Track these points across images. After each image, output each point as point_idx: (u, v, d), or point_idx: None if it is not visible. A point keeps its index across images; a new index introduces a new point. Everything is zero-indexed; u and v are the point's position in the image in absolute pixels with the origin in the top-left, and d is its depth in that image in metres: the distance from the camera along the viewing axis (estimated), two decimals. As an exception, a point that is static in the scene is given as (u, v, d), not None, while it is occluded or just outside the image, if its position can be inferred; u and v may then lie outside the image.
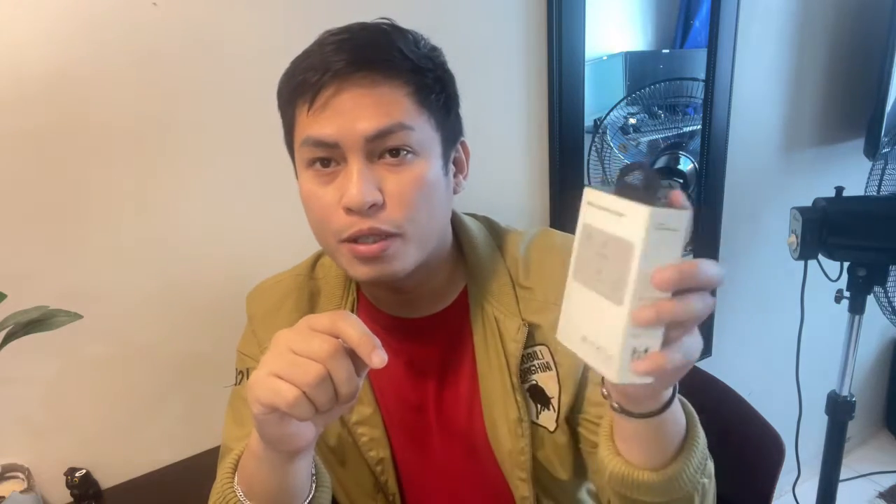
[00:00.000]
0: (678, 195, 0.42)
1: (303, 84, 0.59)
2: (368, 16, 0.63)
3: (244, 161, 1.00)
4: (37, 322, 0.71)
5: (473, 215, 0.78)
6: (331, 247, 0.63)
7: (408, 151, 0.60)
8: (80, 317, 0.73)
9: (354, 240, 0.60)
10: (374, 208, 0.59)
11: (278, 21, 0.97)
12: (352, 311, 0.75)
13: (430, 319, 0.72)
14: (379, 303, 0.74)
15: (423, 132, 0.61)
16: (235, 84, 0.96)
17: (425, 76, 0.61)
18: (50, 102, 0.85)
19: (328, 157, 0.60)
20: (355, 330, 0.48)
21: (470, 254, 0.73)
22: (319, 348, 0.48)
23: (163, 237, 0.97)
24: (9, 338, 0.69)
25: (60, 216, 0.89)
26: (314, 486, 0.62)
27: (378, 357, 0.48)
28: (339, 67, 0.57)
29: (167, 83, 0.91)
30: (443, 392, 0.74)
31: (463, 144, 0.70)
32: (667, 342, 0.43)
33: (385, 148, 0.59)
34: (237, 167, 0.99)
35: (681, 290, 0.41)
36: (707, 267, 0.42)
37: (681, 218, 0.40)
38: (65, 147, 0.87)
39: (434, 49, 0.64)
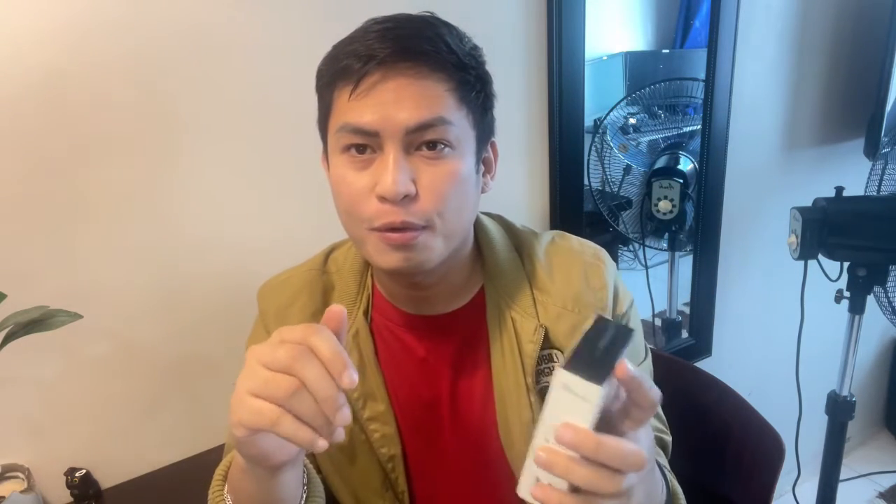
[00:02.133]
0: (621, 367, 0.45)
1: (346, 69, 0.58)
2: (373, 14, 0.63)
3: (245, 161, 1.00)
4: (37, 322, 0.71)
5: (488, 214, 0.78)
6: (358, 234, 0.63)
7: (445, 146, 0.59)
8: (80, 317, 0.74)
9: (385, 229, 0.60)
10: (407, 199, 0.58)
11: (281, 19, 0.97)
12: (367, 306, 0.74)
13: (446, 317, 0.72)
14: (394, 299, 0.73)
15: (461, 128, 0.61)
16: (237, 83, 0.96)
17: (468, 73, 0.61)
18: (50, 101, 0.85)
19: (365, 144, 0.59)
20: (326, 346, 0.46)
21: (489, 254, 0.73)
22: (285, 354, 0.46)
23: (163, 237, 0.97)
24: (9, 338, 0.70)
25: (60, 216, 0.89)
26: (304, 496, 0.62)
27: (348, 377, 0.45)
28: (385, 55, 0.56)
29: (168, 82, 0.92)
30: (457, 390, 0.74)
31: (493, 145, 0.69)
32: (573, 490, 0.45)
33: (423, 141, 0.59)
34: (238, 167, 0.99)
35: (593, 460, 0.44)
36: (615, 448, 0.44)
37: (589, 389, 0.44)
38: (65, 146, 0.87)
39: (476, 47, 0.64)
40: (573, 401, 0.45)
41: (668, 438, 0.75)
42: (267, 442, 0.51)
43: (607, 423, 0.48)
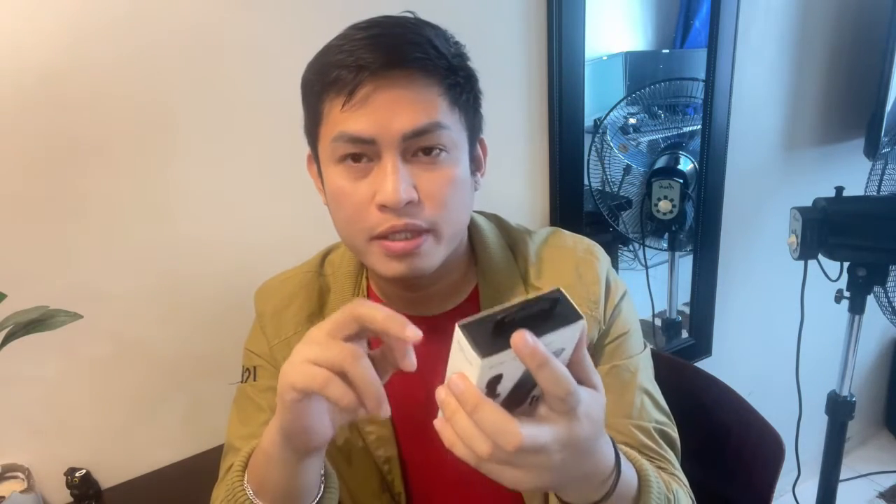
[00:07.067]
0: (518, 337, 0.41)
1: (337, 80, 0.58)
2: (368, 14, 0.63)
3: (244, 161, 1.00)
4: (37, 322, 0.71)
5: (483, 213, 0.78)
6: (359, 245, 0.63)
7: (441, 150, 0.60)
8: (80, 317, 0.73)
9: (386, 236, 0.60)
10: (409, 206, 0.59)
11: (280, 19, 0.97)
12: None
13: (442, 318, 0.72)
14: (390, 300, 0.73)
15: (455, 132, 0.62)
16: (237, 83, 0.96)
17: (457, 75, 0.61)
18: (50, 101, 0.85)
19: (361, 153, 0.60)
20: (379, 312, 0.49)
21: (482, 253, 0.73)
22: (339, 352, 0.49)
23: (163, 237, 0.97)
24: (9, 338, 0.69)
25: (60, 216, 0.89)
26: (323, 487, 0.62)
27: (412, 330, 0.48)
28: (377, 66, 0.57)
29: (168, 82, 0.91)
30: None
31: (481, 141, 0.70)
32: None
33: (419, 147, 0.59)
34: (237, 167, 0.99)
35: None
36: (490, 417, 0.44)
37: (472, 356, 0.43)
38: (65, 146, 0.87)
39: (458, 45, 0.64)
40: (463, 361, 0.44)
41: (675, 434, 0.74)
42: (312, 417, 0.53)
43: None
